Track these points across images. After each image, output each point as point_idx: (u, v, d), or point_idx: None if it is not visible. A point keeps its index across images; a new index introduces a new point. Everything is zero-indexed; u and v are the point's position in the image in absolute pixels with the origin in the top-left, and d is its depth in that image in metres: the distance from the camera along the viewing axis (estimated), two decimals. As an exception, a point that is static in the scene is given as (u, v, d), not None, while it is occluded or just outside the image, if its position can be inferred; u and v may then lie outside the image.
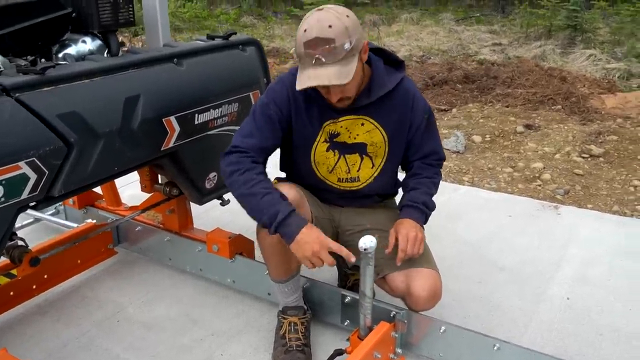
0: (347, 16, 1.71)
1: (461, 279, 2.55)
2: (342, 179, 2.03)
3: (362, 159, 1.99)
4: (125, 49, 2.19)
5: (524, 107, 5.39)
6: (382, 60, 1.92)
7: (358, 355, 1.79)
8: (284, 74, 1.99)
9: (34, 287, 2.38)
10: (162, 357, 2.13)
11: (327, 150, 1.98)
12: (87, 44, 2.07)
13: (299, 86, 1.73)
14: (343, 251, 1.75)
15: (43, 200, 1.77)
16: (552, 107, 5.34)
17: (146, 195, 2.61)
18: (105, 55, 2.09)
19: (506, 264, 2.70)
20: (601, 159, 4.30)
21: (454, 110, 5.50)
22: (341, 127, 1.94)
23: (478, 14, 10.65)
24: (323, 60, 1.68)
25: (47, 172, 1.70)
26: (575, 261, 2.72)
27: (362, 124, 1.94)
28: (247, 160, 1.83)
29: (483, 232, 3.00)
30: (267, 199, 1.75)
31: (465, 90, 5.95)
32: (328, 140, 1.96)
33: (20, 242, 1.95)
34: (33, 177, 1.67)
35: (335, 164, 2.00)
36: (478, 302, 2.41)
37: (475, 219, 3.15)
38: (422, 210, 1.97)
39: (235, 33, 2.40)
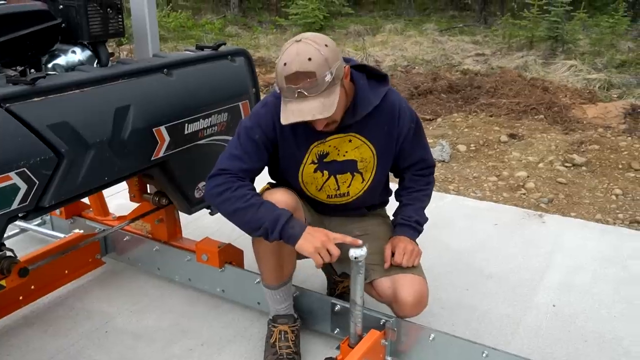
0: (326, 45, 1.70)
1: (449, 287, 2.58)
2: (332, 195, 2.05)
3: (353, 176, 2.01)
4: (115, 59, 2.20)
5: (508, 117, 5.46)
6: (365, 75, 1.92)
7: (349, 363, 1.80)
8: (268, 96, 1.96)
9: (21, 298, 2.36)
10: (151, 368, 2.13)
11: (315, 171, 1.99)
12: (76, 55, 2.07)
13: (284, 121, 1.73)
14: (347, 239, 1.78)
15: (33, 211, 1.76)
16: (535, 117, 5.42)
17: (133, 205, 2.60)
18: (95, 65, 2.09)
19: (493, 272, 2.73)
20: (583, 168, 4.37)
21: (439, 119, 5.56)
22: (329, 146, 1.95)
23: (461, 25, 10.78)
24: (305, 93, 1.68)
25: (37, 183, 1.70)
26: (561, 269, 2.76)
27: (350, 141, 1.95)
28: (235, 179, 1.84)
29: (470, 241, 3.03)
30: (265, 207, 1.78)
31: (450, 99, 6.02)
32: (316, 161, 1.97)
33: (8, 253, 1.93)
34: (23, 187, 1.66)
35: (324, 183, 2.02)
36: (466, 309, 2.44)
37: (461, 228, 3.19)
38: (415, 228, 2.04)
39: (225, 43, 2.42)
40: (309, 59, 1.65)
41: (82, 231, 2.65)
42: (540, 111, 5.49)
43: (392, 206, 2.22)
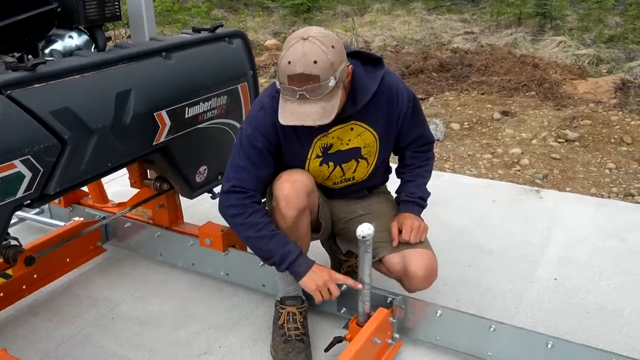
0: (333, 47, 1.67)
1: (451, 264, 2.60)
2: (337, 182, 2.07)
3: (357, 162, 2.02)
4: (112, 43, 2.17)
5: (500, 94, 5.47)
6: (359, 62, 1.89)
7: (359, 341, 1.82)
8: (263, 96, 1.94)
9: (24, 287, 2.35)
10: (160, 352, 2.13)
11: (321, 164, 1.99)
12: (73, 39, 2.04)
13: (283, 121, 1.72)
14: (349, 281, 1.90)
15: (38, 199, 1.75)
16: (527, 94, 5.43)
17: (131, 191, 2.58)
18: (92, 50, 2.07)
19: (494, 248, 2.76)
20: (576, 143, 4.40)
21: (431, 98, 5.55)
22: (333, 137, 1.95)
23: (449, 3, 10.74)
24: (307, 96, 1.66)
25: (41, 170, 1.68)
26: (560, 243, 2.79)
27: (352, 129, 1.95)
28: (248, 202, 1.88)
29: (469, 218, 3.05)
30: (275, 240, 1.86)
31: (441, 78, 6.01)
32: (320, 154, 1.97)
33: (13, 242, 1.92)
34: (28, 175, 1.65)
35: (330, 174, 2.03)
36: (469, 285, 2.46)
37: (460, 205, 3.21)
38: (419, 203, 2.06)
39: (222, 25, 2.39)
40: (315, 62, 1.63)
41: (82, 219, 2.64)
42: (531, 88, 5.50)
43: (391, 182, 2.23)
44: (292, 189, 1.85)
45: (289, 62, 1.65)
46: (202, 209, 3.06)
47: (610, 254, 2.68)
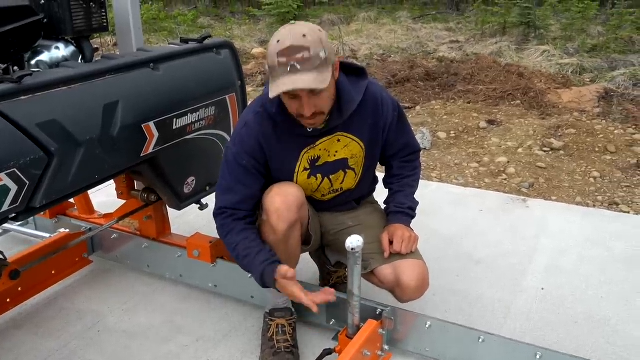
0: (320, 30, 1.70)
1: (440, 273, 2.60)
2: (325, 193, 2.07)
3: (345, 173, 2.02)
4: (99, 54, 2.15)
5: (485, 103, 5.52)
6: (342, 72, 1.88)
7: (349, 354, 1.81)
8: (247, 113, 1.94)
9: (8, 300, 2.31)
10: (148, 366, 2.11)
11: (309, 177, 1.99)
12: (60, 50, 2.02)
13: (273, 93, 1.68)
14: (303, 300, 1.82)
15: (24, 212, 1.73)
16: (512, 103, 5.49)
17: (117, 202, 2.56)
18: (79, 61, 2.05)
19: (482, 257, 2.77)
20: (562, 152, 4.44)
21: (418, 107, 5.59)
22: (320, 149, 1.94)
23: (434, 12, 10.83)
24: (298, 67, 1.64)
25: (27, 183, 1.66)
26: (547, 252, 2.81)
27: (339, 140, 1.95)
28: (229, 222, 1.91)
29: (457, 227, 3.06)
30: (246, 261, 1.89)
31: (427, 87, 6.05)
32: (308, 167, 1.97)
33: (-3, 256, 1.89)
34: (14, 188, 1.63)
35: (319, 186, 2.03)
36: (458, 295, 2.47)
37: (448, 214, 3.22)
38: (409, 214, 2.06)
39: (210, 36, 2.39)
40: (304, 35, 1.64)
41: (67, 230, 2.61)
42: (516, 97, 5.56)
43: (378, 193, 2.24)
44: (283, 203, 1.85)
45: (278, 41, 1.66)
46: (189, 220, 3.04)
47: (597, 263, 2.70)
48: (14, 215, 1.71)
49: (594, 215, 3.22)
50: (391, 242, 1.98)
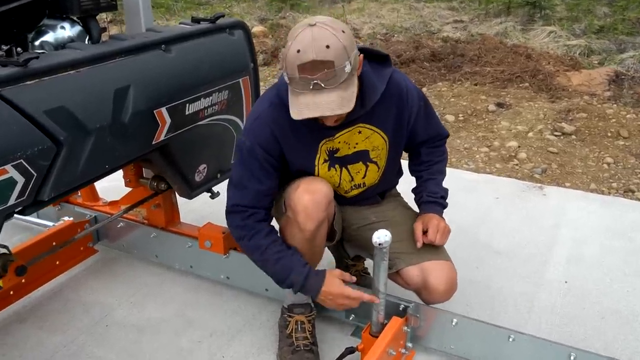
0: (343, 32, 1.53)
1: (459, 264, 2.45)
2: (348, 190, 1.95)
3: (366, 166, 1.90)
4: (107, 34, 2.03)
5: (493, 85, 5.40)
6: (365, 59, 1.74)
7: (375, 354, 1.72)
8: (259, 104, 1.82)
9: (11, 293, 2.20)
10: (160, 363, 2.02)
11: (329, 169, 1.87)
12: (66, 31, 1.89)
13: (297, 116, 1.56)
14: (365, 297, 1.80)
15: (31, 205, 1.62)
16: (520, 85, 5.37)
17: (121, 186, 2.43)
18: (86, 42, 1.92)
19: (501, 248, 2.69)
20: (573, 136, 4.35)
21: (424, 89, 5.45)
22: (339, 142, 1.82)
23: (436, -10, 10.62)
24: (322, 85, 1.51)
25: (35, 175, 1.55)
26: (567, 243, 2.73)
27: (360, 132, 1.83)
28: (250, 223, 1.80)
29: (473, 216, 2.97)
30: (280, 265, 1.79)
31: (433, 68, 5.91)
32: (327, 158, 1.85)
33: (2, 250, 1.78)
34: (21, 180, 1.51)
35: (340, 180, 1.91)
36: (479, 288, 2.39)
37: (462, 202, 3.12)
38: (442, 204, 1.96)
39: (223, 15, 2.25)
40: (327, 47, 1.48)
41: (71, 218, 2.50)
42: (525, 79, 5.44)
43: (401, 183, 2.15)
44: (311, 201, 1.74)
45: (298, 51, 1.50)
46: (195, 207, 2.92)
47: (620, 255, 2.62)
48: (20, 209, 1.59)
49: (612, 204, 3.13)
50: (425, 232, 1.88)
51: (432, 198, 1.96)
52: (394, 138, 1.89)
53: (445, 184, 2.04)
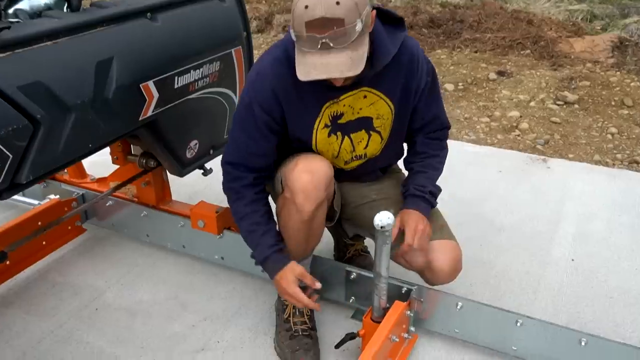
0: None
1: (461, 241, 2.35)
2: (348, 160, 1.83)
3: (369, 135, 1.78)
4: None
5: (494, 53, 5.25)
6: (378, 19, 1.62)
7: (377, 341, 1.64)
8: (261, 62, 1.69)
9: (-5, 275, 2.11)
10: (152, 349, 1.93)
11: (329, 135, 1.75)
12: (42, -3, 1.75)
13: (303, 77, 1.46)
14: (309, 305, 1.71)
15: (8, 189, 1.50)
16: (522, 52, 5.23)
17: (109, 162, 2.31)
18: (65, 10, 1.78)
19: (505, 224, 2.60)
20: (576, 105, 4.23)
21: (423, 57, 5.31)
22: (344, 105, 1.70)
23: (433, -47, 10.33)
24: (331, 44, 1.41)
25: (10, 157, 1.43)
26: (573, 218, 2.64)
27: (365, 97, 1.71)
28: (236, 186, 1.75)
29: (476, 190, 2.88)
30: (249, 238, 1.75)
31: (432, 35, 5.75)
32: (329, 124, 1.73)
33: (-19, 235, 1.67)
34: (-5, 163, 1.40)
35: (340, 148, 1.79)
36: (483, 267, 2.30)
37: (465, 176, 3.02)
38: (429, 200, 1.79)
39: (213, -20, 2.10)
40: (337, 3, 1.37)
41: (57, 197, 2.39)
42: (526, 46, 5.30)
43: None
44: (310, 182, 1.63)
45: (306, 7, 1.39)
46: (186, 181, 2.80)
47: (628, 231, 2.54)
48: (-4, 192, 1.48)
49: (619, 177, 3.03)
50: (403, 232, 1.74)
51: (418, 192, 1.79)
52: (399, 108, 1.76)
53: (440, 179, 1.89)
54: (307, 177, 1.63)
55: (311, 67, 1.44)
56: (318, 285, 1.70)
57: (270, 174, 1.80)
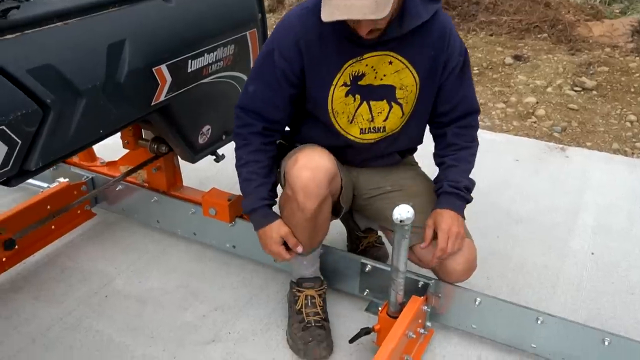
0: None
1: (478, 233, 2.31)
2: (365, 129, 1.73)
3: (390, 106, 1.70)
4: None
5: (510, 36, 5.14)
6: None
7: (394, 338, 1.60)
8: (293, 10, 1.65)
9: (4, 259, 2.07)
10: (163, 339, 1.90)
11: (346, 95, 1.67)
12: (52, -25, 1.67)
13: (327, 17, 1.40)
14: (290, 241, 1.72)
15: (16, 176, 1.45)
16: (539, 36, 5.11)
17: (119, 143, 2.25)
18: (75, -11, 1.71)
19: (522, 215, 2.53)
20: (594, 92, 4.14)
21: (437, 39, 5.21)
22: (366, 65, 1.63)
23: None
24: None
25: (19, 142, 1.38)
26: (593, 209, 2.58)
27: (391, 62, 1.63)
28: (244, 132, 1.73)
29: (492, 179, 2.81)
30: (245, 185, 1.73)
31: (446, 17, 5.63)
32: (349, 83, 1.65)
33: (-11, 222, 1.63)
34: (3, 149, 1.35)
35: (356, 111, 1.70)
36: (500, 260, 2.25)
37: (482, 164, 2.87)
38: (465, 197, 1.72)
39: (228, -41, 2.03)
40: None
41: (67, 180, 2.34)
42: (543, 29, 5.18)
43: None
44: (311, 179, 1.57)
45: None
46: (197, 166, 2.75)
47: (649, 223, 2.47)
48: (4, 179, 1.43)
49: (639, 167, 2.95)
50: (436, 234, 1.68)
51: (453, 188, 1.71)
52: (424, 82, 1.68)
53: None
54: (307, 174, 1.57)
55: (335, 8, 1.38)
56: (300, 249, 1.72)
57: (281, 131, 1.79)
